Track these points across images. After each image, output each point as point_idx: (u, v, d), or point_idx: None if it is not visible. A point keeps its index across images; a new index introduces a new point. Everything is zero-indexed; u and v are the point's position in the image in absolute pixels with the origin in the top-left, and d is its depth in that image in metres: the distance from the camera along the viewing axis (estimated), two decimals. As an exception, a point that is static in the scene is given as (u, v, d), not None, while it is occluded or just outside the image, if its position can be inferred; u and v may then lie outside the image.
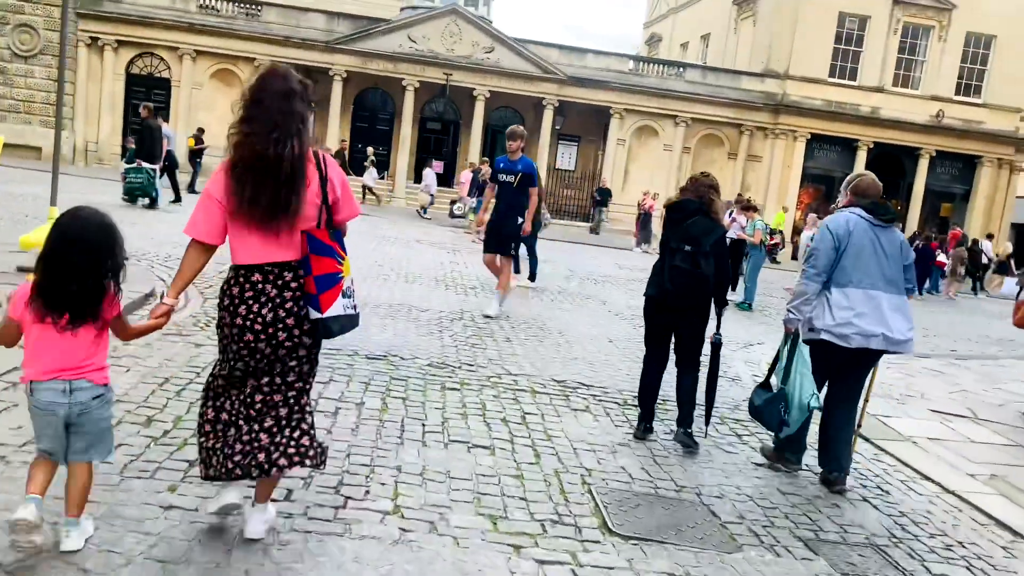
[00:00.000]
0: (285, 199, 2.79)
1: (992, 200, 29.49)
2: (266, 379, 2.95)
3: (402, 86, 26.74)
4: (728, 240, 7.55)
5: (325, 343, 3.16)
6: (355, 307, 3.02)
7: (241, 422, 2.96)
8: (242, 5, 26.28)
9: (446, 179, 29.13)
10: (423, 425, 4.75)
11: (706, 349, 5.08)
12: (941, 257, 19.76)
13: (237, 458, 2.91)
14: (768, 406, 4.73)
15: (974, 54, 28.83)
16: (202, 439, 3.03)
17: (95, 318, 2.71)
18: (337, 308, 2.90)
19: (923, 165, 28.77)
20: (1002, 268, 25.05)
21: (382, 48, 26.24)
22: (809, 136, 28.52)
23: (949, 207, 30.59)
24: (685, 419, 5.00)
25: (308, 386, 3.08)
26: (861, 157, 28.24)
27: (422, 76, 26.57)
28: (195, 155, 19.98)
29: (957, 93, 28.73)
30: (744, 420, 5.68)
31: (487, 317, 8.33)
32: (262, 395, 2.96)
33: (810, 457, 4.90)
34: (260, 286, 2.86)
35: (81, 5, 24.76)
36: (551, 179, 28.39)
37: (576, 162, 29.68)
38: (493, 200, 8.84)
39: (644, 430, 5.12)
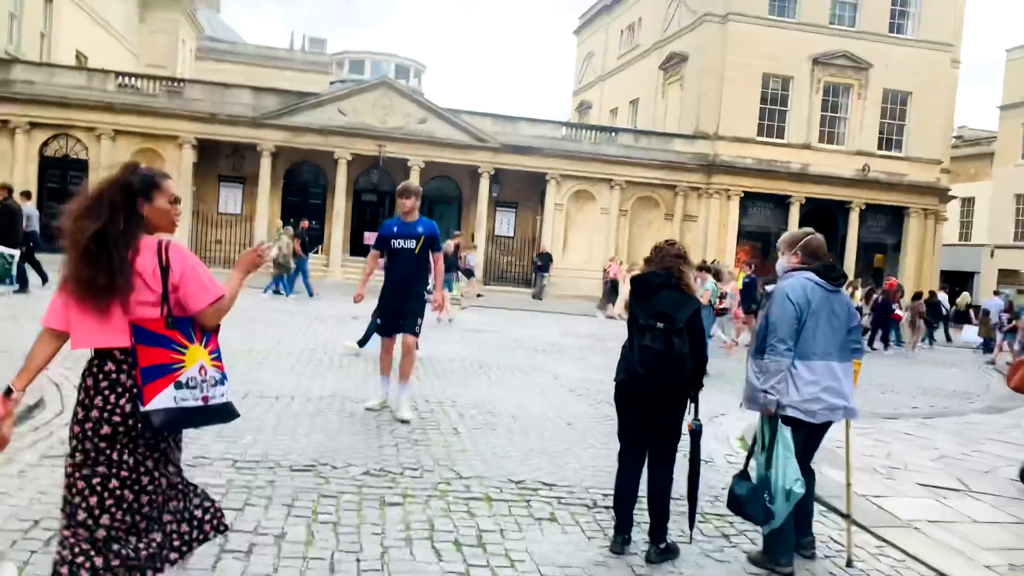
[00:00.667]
0: (108, 275, 2.71)
1: (921, 249, 30.20)
2: (145, 477, 2.84)
3: (334, 159, 26.16)
4: None
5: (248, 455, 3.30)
6: (203, 400, 2.83)
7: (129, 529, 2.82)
8: (164, 83, 25.50)
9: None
10: (358, 561, 3.91)
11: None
12: (898, 310, 19.75)
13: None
14: (752, 497, 4.24)
15: (892, 110, 29.90)
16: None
17: None
18: (164, 400, 2.74)
19: (854, 218, 29.37)
20: (961, 317, 25.41)
21: (312, 122, 25.70)
22: (743, 194, 28.88)
23: (882, 258, 31.23)
24: (658, 531, 4.28)
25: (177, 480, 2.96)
26: (794, 212, 28.69)
27: (354, 148, 26.07)
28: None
29: (880, 147, 29.64)
30: (727, 514, 4.98)
31: (403, 422, 6.74)
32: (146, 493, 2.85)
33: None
34: (115, 376, 2.78)
35: (-10, 87, 23.64)
36: (491, 246, 27.98)
37: (515, 228, 29.36)
38: (375, 271, 7.51)
39: (622, 542, 4.36)
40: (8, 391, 2.75)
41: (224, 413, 2.95)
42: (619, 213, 28.08)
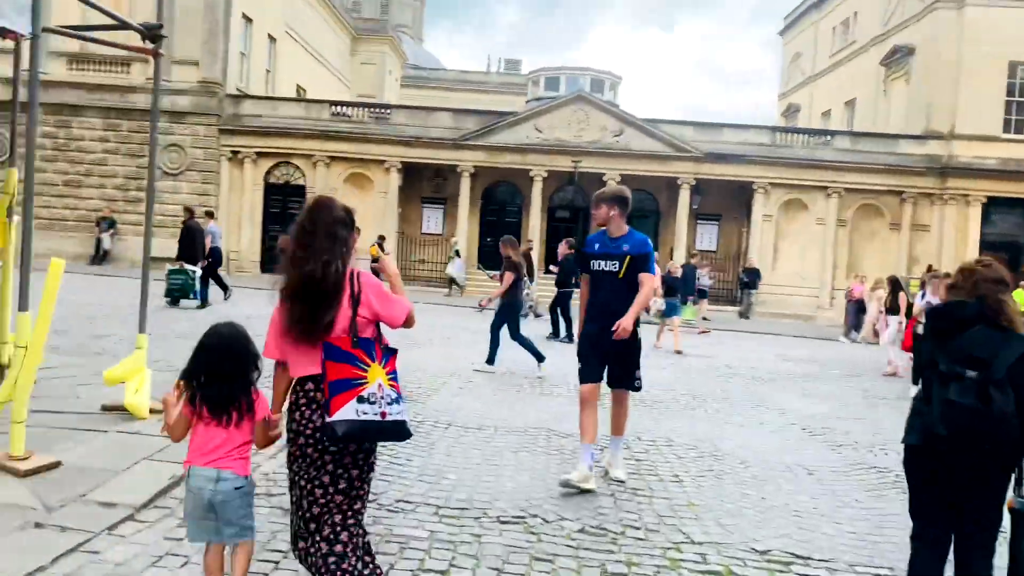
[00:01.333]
0: (322, 317, 2.96)
1: None
2: (320, 492, 3.02)
3: (530, 177, 26.11)
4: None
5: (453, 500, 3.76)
6: (380, 415, 2.96)
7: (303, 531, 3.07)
8: (372, 110, 26.75)
9: (579, 268, 27.98)
10: (583, 659, 3.19)
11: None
12: None
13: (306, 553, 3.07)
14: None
15: None
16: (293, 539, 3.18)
17: (251, 412, 3.16)
18: (347, 412, 2.90)
19: None
20: None
21: (509, 141, 25.83)
22: (984, 199, 25.38)
23: None
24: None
25: (357, 499, 3.10)
26: (1050, 218, 24.77)
27: (550, 165, 25.86)
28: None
29: None
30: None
31: (618, 482, 5.58)
32: (319, 509, 3.03)
33: None
34: (312, 394, 3.02)
35: (223, 122, 25.94)
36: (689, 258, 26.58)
37: (718, 242, 27.77)
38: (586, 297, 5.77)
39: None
40: (265, 419, 3.23)
41: (398, 432, 3.04)
42: (837, 223, 25.65)
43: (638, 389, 5.73)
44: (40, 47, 5.00)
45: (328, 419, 2.89)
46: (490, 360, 10.19)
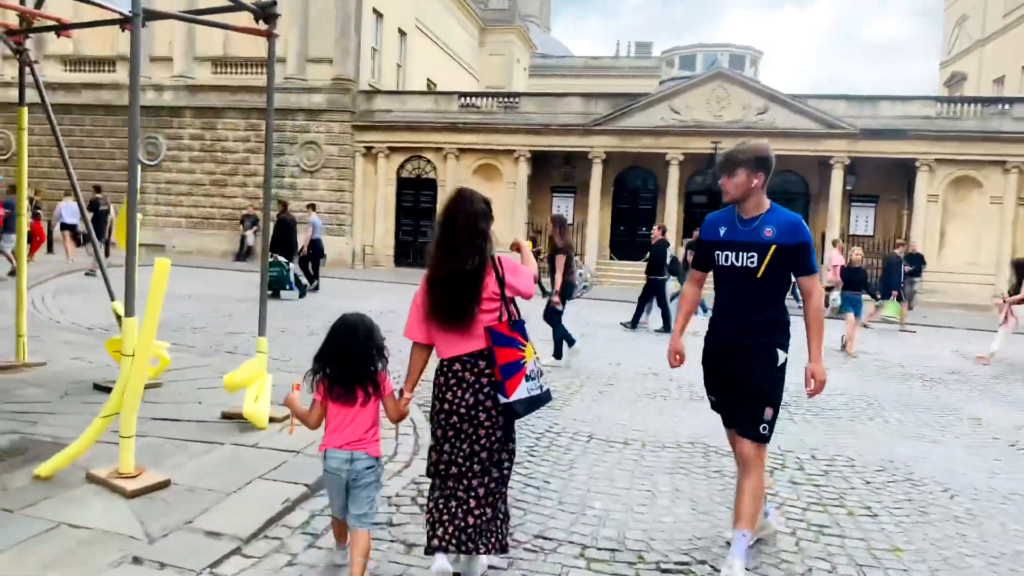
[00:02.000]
0: (467, 304, 3.26)
1: None
2: (470, 462, 3.34)
3: (665, 161, 24.82)
4: None
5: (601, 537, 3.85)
6: (540, 388, 3.36)
7: (453, 503, 3.34)
8: (500, 99, 26.29)
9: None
10: None
11: None
12: None
13: (450, 532, 3.31)
14: None
15: None
16: (427, 515, 3.41)
17: (376, 391, 3.37)
18: (521, 392, 3.27)
19: None
20: None
21: (642, 124, 24.64)
22: None
23: None
24: None
25: (506, 472, 3.44)
26: None
27: (686, 148, 24.47)
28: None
29: None
30: None
31: None
32: (467, 479, 3.34)
33: None
34: (460, 374, 3.33)
35: (356, 118, 26.26)
36: (846, 245, 24.47)
37: (874, 226, 25.43)
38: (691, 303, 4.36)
39: None
40: (400, 392, 3.46)
41: (549, 398, 3.43)
42: (1017, 202, 22.80)
43: (765, 440, 3.79)
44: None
45: (506, 400, 3.28)
46: (557, 354, 9.56)
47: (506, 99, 26.18)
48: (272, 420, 5.45)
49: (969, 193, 23.38)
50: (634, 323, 14.08)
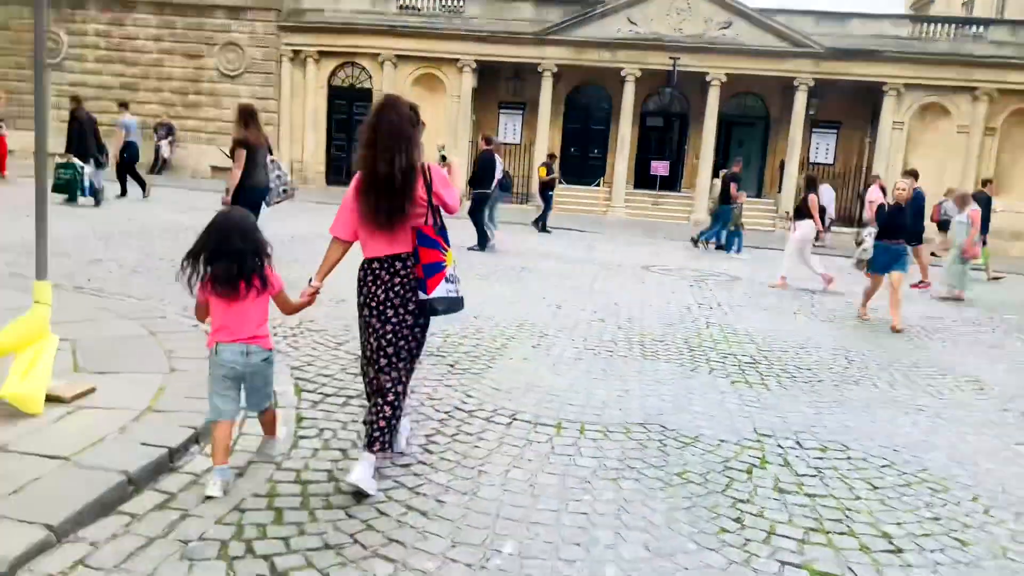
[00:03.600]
0: (398, 206, 3.42)
1: None
2: (376, 355, 3.53)
3: (620, 78, 22.98)
4: None
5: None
6: (458, 292, 3.59)
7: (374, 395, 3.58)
8: (444, 2, 23.88)
9: (671, 183, 25.00)
10: None
11: None
12: None
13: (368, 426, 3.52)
14: None
15: None
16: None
17: (264, 285, 3.38)
18: (440, 291, 3.48)
19: None
20: None
21: (597, 35, 22.65)
22: None
23: None
24: None
25: (410, 368, 3.64)
26: None
27: (644, 63, 22.63)
28: (546, 187, 17.26)
29: None
30: None
31: None
32: (378, 370, 3.53)
33: None
34: (377, 271, 3.52)
35: (283, 17, 23.64)
36: (803, 172, 23.25)
37: (835, 154, 24.21)
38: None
39: None
40: (310, 280, 3.61)
41: (462, 303, 3.64)
42: (984, 132, 21.74)
43: None
44: None
45: (425, 296, 3.48)
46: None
47: (450, 1, 23.79)
48: (52, 400, 3.80)
49: (936, 121, 22.23)
50: (481, 244, 12.77)
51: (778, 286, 11.48)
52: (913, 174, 13.20)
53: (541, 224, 16.77)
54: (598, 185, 24.11)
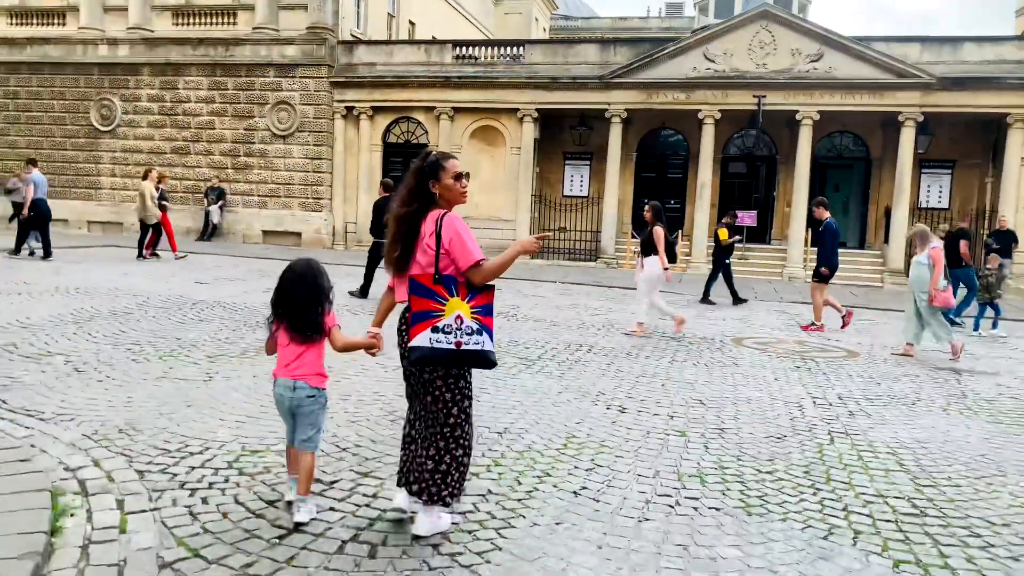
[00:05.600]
0: (391, 254, 3.56)
1: None
2: (417, 402, 3.61)
3: (698, 120, 20.77)
4: None
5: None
6: (456, 344, 3.38)
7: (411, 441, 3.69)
8: (502, 48, 22.34)
9: (760, 234, 22.41)
10: None
11: None
12: None
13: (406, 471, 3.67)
14: None
15: None
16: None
17: (320, 333, 3.71)
18: (422, 340, 3.37)
19: None
20: None
21: (670, 75, 20.60)
22: None
23: None
24: None
25: (448, 418, 3.52)
26: None
27: (724, 104, 20.39)
28: (726, 253, 14.65)
29: None
30: None
31: None
32: (418, 418, 3.64)
33: None
34: (403, 317, 3.59)
35: (335, 73, 22.54)
36: (914, 219, 20.32)
37: (950, 197, 21.19)
38: None
39: None
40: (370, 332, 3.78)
41: (479, 360, 3.45)
42: None
43: None
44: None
45: (408, 343, 3.43)
46: None
47: (509, 48, 22.24)
48: None
49: (1072, 155, 19.06)
50: (362, 291, 12.16)
51: (635, 332, 9.97)
52: None
53: (732, 294, 14.40)
54: (675, 240, 21.73)
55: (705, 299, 14.39)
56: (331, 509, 3.85)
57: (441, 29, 30.22)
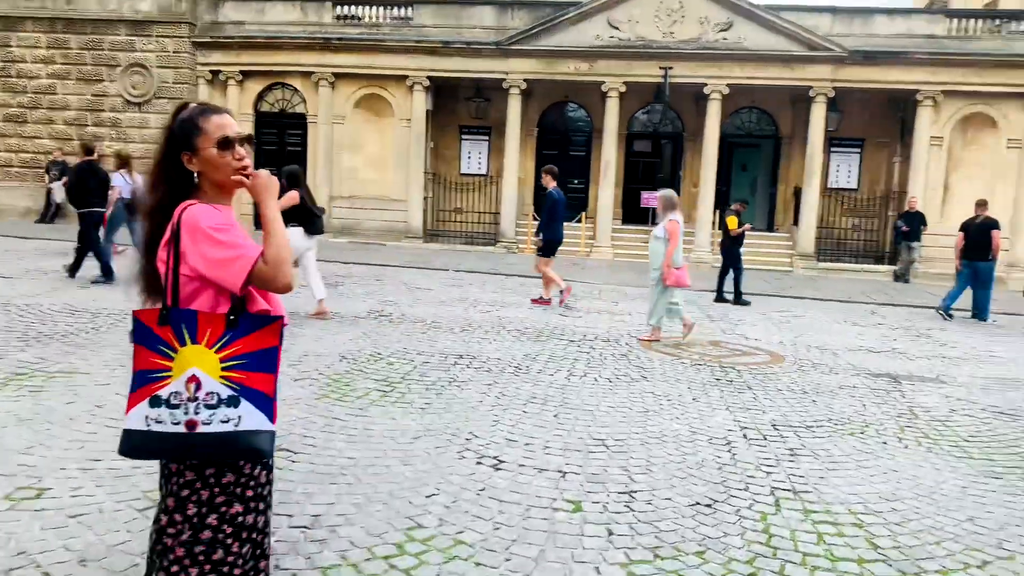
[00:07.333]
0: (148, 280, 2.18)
1: None
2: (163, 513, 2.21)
3: (602, 93, 19.28)
4: None
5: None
6: (188, 424, 1.93)
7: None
8: (389, 9, 20.17)
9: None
10: None
11: None
12: None
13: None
14: None
15: None
16: None
17: None
18: (136, 417, 1.99)
19: None
20: None
21: (573, 43, 18.99)
22: None
23: None
24: None
25: (200, 533, 2.04)
26: None
27: (629, 75, 18.95)
28: (736, 242, 12.78)
29: None
30: None
31: None
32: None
33: None
34: None
35: (199, 32, 19.88)
36: (825, 202, 19.55)
37: (859, 177, 20.51)
38: None
39: None
40: None
41: (229, 449, 1.96)
42: (1041, 145, 18.16)
43: None
44: None
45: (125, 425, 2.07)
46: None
47: (396, 7, 20.10)
48: None
49: (980, 135, 18.59)
50: (105, 274, 10.59)
51: (316, 315, 8.74)
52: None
53: (736, 293, 12.55)
54: (579, 221, 20.28)
55: (738, 300, 12.45)
56: None
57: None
